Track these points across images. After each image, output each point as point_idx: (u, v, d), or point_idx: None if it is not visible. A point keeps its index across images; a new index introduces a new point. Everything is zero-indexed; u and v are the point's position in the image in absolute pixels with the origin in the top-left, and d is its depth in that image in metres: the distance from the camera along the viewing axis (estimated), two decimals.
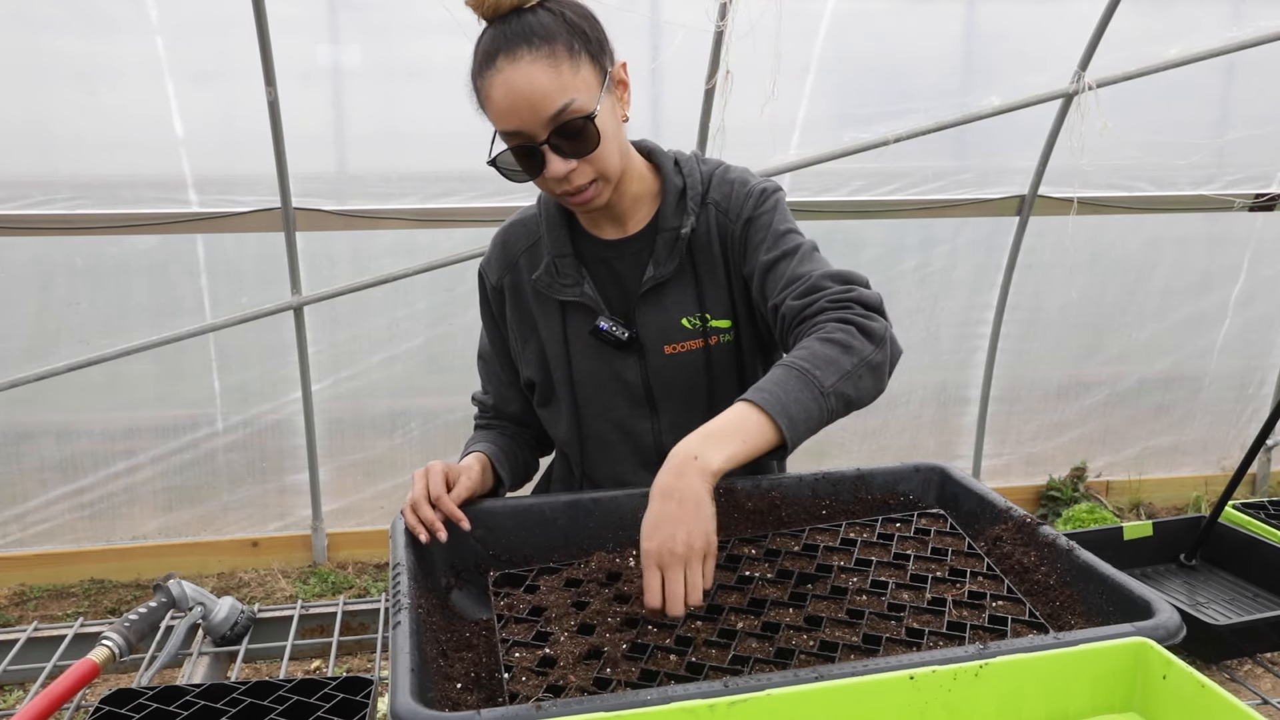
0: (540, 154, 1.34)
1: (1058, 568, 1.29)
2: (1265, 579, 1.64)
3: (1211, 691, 0.93)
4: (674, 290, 1.52)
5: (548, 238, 1.53)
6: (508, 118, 1.33)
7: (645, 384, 1.55)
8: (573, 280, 1.52)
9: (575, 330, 1.54)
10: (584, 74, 1.33)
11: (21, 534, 4.08)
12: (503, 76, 1.31)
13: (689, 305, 1.52)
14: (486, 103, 1.35)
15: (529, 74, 1.30)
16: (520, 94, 1.30)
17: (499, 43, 1.32)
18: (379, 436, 4.28)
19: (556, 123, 1.31)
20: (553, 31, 1.32)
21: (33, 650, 1.60)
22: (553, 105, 1.30)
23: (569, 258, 1.52)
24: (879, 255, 4.40)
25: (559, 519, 1.44)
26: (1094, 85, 3.91)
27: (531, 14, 1.33)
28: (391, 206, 3.85)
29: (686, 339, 1.52)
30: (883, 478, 1.55)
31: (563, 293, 1.52)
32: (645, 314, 1.52)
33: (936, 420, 4.75)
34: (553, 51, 1.31)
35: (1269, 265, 4.81)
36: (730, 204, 1.50)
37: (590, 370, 1.55)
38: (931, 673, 0.96)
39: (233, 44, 3.42)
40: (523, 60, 1.30)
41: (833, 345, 1.26)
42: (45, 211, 3.61)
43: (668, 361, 1.53)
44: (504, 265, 1.59)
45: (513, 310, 1.59)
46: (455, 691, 1.11)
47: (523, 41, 1.30)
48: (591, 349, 1.54)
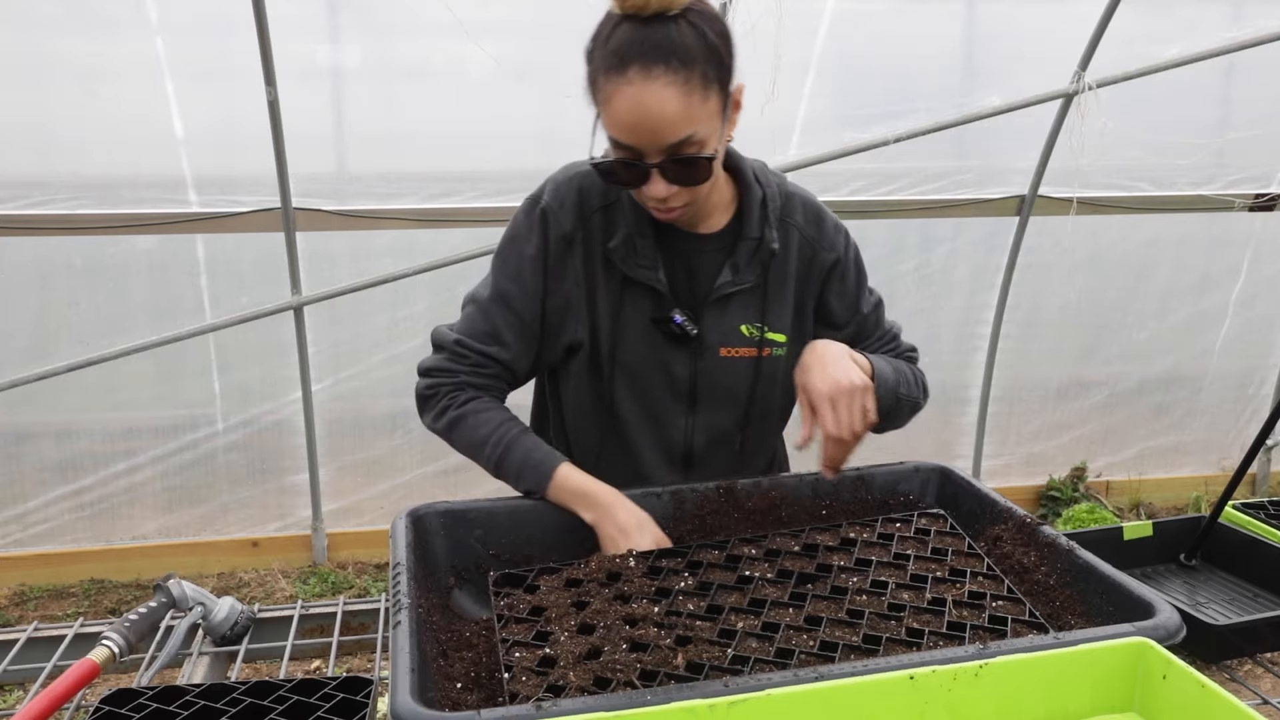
0: (645, 173, 1.32)
1: (1058, 568, 1.29)
2: (1265, 579, 1.64)
3: (1212, 691, 0.93)
4: (741, 297, 1.54)
5: (630, 213, 1.48)
6: (626, 133, 1.29)
7: (692, 380, 1.55)
8: (649, 263, 1.48)
9: (632, 311, 1.51)
10: (710, 104, 1.30)
11: (21, 534, 4.08)
12: (633, 90, 1.26)
13: (751, 314, 1.55)
14: (605, 105, 1.30)
15: (661, 98, 1.25)
16: (647, 116, 1.26)
17: (636, 50, 1.26)
18: (379, 436, 4.27)
19: (674, 152, 1.29)
20: (693, 55, 1.26)
21: (33, 650, 1.60)
22: (675, 135, 1.28)
23: (650, 240, 1.48)
24: (879, 255, 4.40)
25: (559, 519, 1.44)
26: (1094, 85, 3.91)
27: (675, 25, 1.26)
28: (391, 206, 3.84)
29: (742, 345, 1.55)
30: (883, 478, 1.55)
31: (637, 272, 1.48)
32: (710, 314, 1.52)
33: (936, 420, 4.75)
34: (689, 79, 1.26)
35: (1269, 265, 4.81)
36: (821, 235, 1.58)
37: (638, 355, 1.53)
38: (931, 673, 0.96)
39: (233, 44, 3.42)
40: (658, 80, 1.25)
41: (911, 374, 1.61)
42: (45, 211, 3.61)
43: (719, 363, 1.54)
44: (579, 216, 1.49)
45: (583, 265, 1.50)
46: (455, 691, 1.11)
47: (661, 59, 1.25)
48: (643, 333, 1.52)
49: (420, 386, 1.54)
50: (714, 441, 1.61)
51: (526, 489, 1.46)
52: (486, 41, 3.45)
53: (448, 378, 1.51)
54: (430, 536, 1.38)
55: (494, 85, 3.66)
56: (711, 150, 1.33)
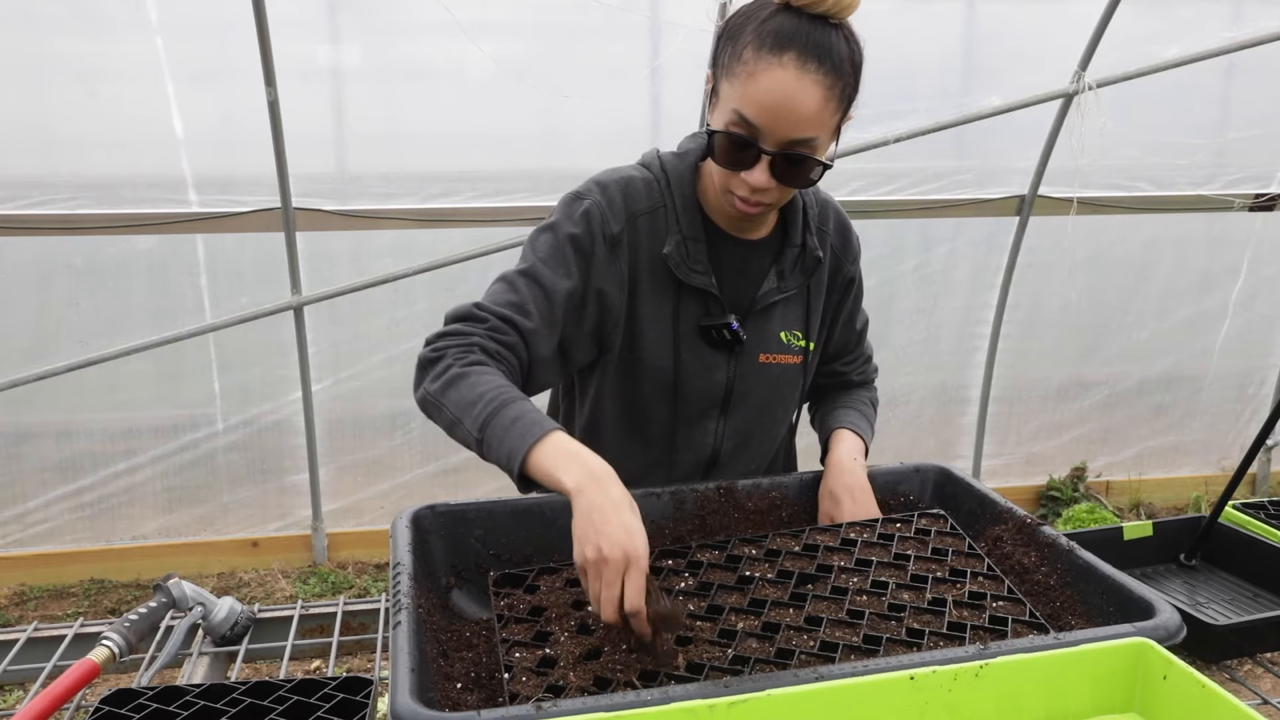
0: (756, 157, 1.32)
1: (1058, 568, 1.29)
2: (1265, 579, 1.64)
3: (1212, 691, 0.93)
4: (783, 304, 1.56)
5: (682, 216, 1.47)
6: (759, 112, 1.28)
7: (729, 386, 1.55)
8: (703, 267, 1.48)
9: (686, 318, 1.51)
10: (835, 120, 1.33)
11: (21, 534, 4.08)
12: (785, 74, 1.26)
13: (792, 321, 1.57)
14: (748, 80, 1.28)
15: (809, 92, 1.27)
16: (788, 103, 1.27)
17: (799, 41, 1.26)
18: (379, 436, 4.27)
19: (792, 147, 1.30)
20: (843, 66, 1.30)
21: (33, 650, 1.60)
22: (803, 131, 1.29)
23: (701, 243, 1.48)
24: (879, 255, 4.40)
25: (559, 519, 1.44)
26: (1094, 85, 3.91)
27: (835, 32, 1.29)
28: (391, 206, 3.84)
29: (780, 352, 1.57)
30: (883, 478, 1.55)
31: (692, 277, 1.47)
32: (755, 320, 1.54)
33: (936, 420, 4.75)
34: (834, 85, 1.29)
35: (1269, 265, 4.81)
36: (847, 250, 1.62)
37: (681, 361, 1.52)
38: (932, 673, 0.96)
39: (233, 44, 3.42)
40: (810, 74, 1.26)
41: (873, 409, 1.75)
42: (45, 211, 3.61)
43: (757, 369, 1.56)
44: (625, 216, 1.46)
45: (629, 268, 1.46)
46: (455, 691, 1.11)
47: (817, 56, 1.27)
48: (686, 338, 1.51)
49: (424, 353, 1.35)
50: (741, 446, 1.62)
51: (509, 450, 1.22)
52: (486, 41, 3.45)
53: (458, 340, 1.34)
54: (430, 536, 1.38)
55: (494, 85, 3.66)
56: (826, 164, 1.35)
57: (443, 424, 1.32)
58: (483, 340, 1.34)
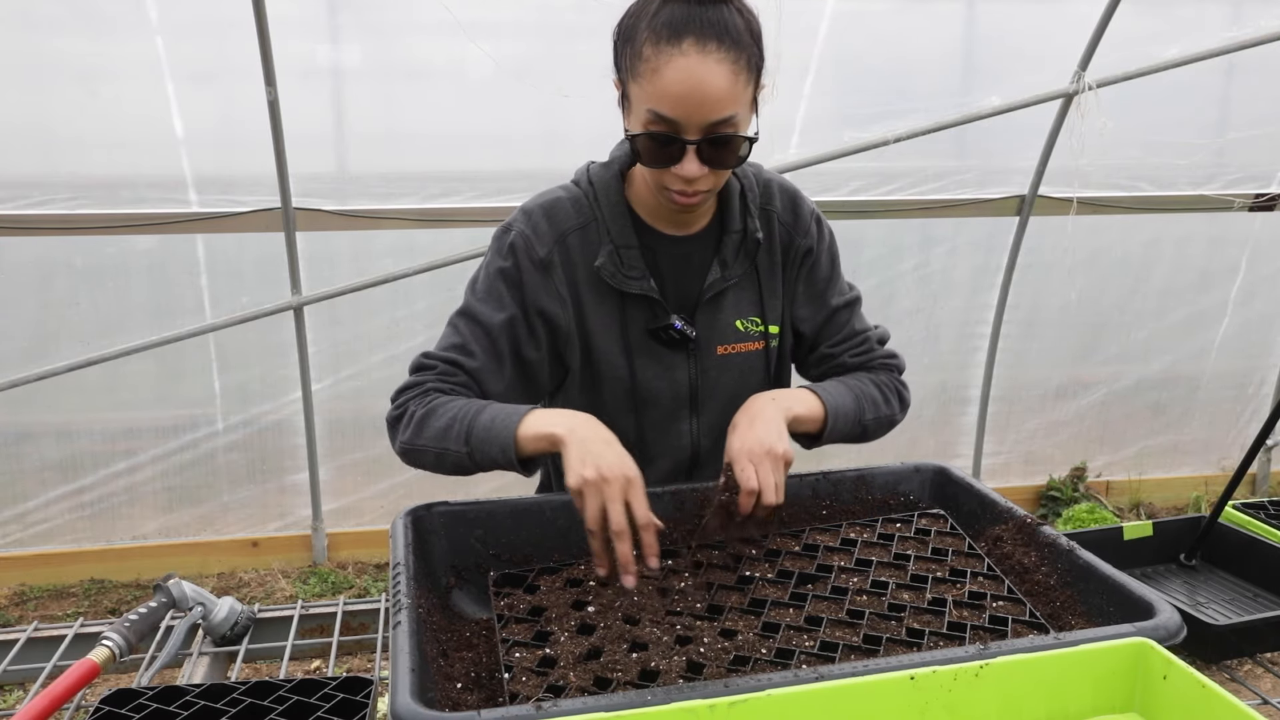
0: (681, 149, 1.31)
1: (1058, 568, 1.29)
2: (1265, 579, 1.64)
3: (1212, 691, 0.93)
4: (733, 292, 1.53)
5: (611, 226, 1.47)
6: (673, 105, 1.28)
7: (692, 384, 1.55)
8: (639, 273, 1.47)
9: (634, 325, 1.51)
10: (748, 92, 1.33)
11: (21, 534, 4.08)
12: (687, 62, 1.26)
13: (745, 308, 1.54)
14: (652, 76, 1.28)
15: (715, 73, 1.26)
16: (697, 89, 1.26)
17: (694, 26, 1.26)
18: (379, 436, 4.22)
19: (714, 130, 1.30)
20: (744, 39, 1.29)
21: (33, 650, 1.60)
22: (720, 112, 1.28)
23: (634, 249, 1.47)
24: (879, 255, 4.40)
25: (559, 519, 1.44)
26: (1094, 85, 3.91)
27: (726, 7, 1.29)
28: (391, 206, 3.84)
29: (738, 341, 1.55)
30: (883, 478, 1.55)
31: (628, 285, 1.47)
32: (704, 314, 1.52)
33: (936, 420, 4.75)
34: (738, 58, 1.28)
35: (1268, 265, 4.81)
36: (797, 221, 1.57)
37: (638, 367, 1.52)
38: (932, 673, 0.96)
39: (232, 44, 3.42)
40: (712, 54, 1.26)
41: (879, 390, 1.58)
42: (45, 211, 3.61)
43: (718, 362, 1.54)
44: (552, 239, 1.47)
45: (566, 288, 1.47)
46: (455, 691, 1.11)
47: (715, 36, 1.26)
48: (643, 345, 1.52)
49: (389, 412, 1.46)
50: (719, 442, 1.57)
51: (500, 447, 1.33)
52: (486, 41, 3.44)
53: (414, 390, 1.45)
54: (430, 536, 1.38)
55: (494, 85, 3.66)
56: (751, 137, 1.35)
57: (429, 463, 1.43)
58: (435, 384, 1.44)
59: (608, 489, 1.19)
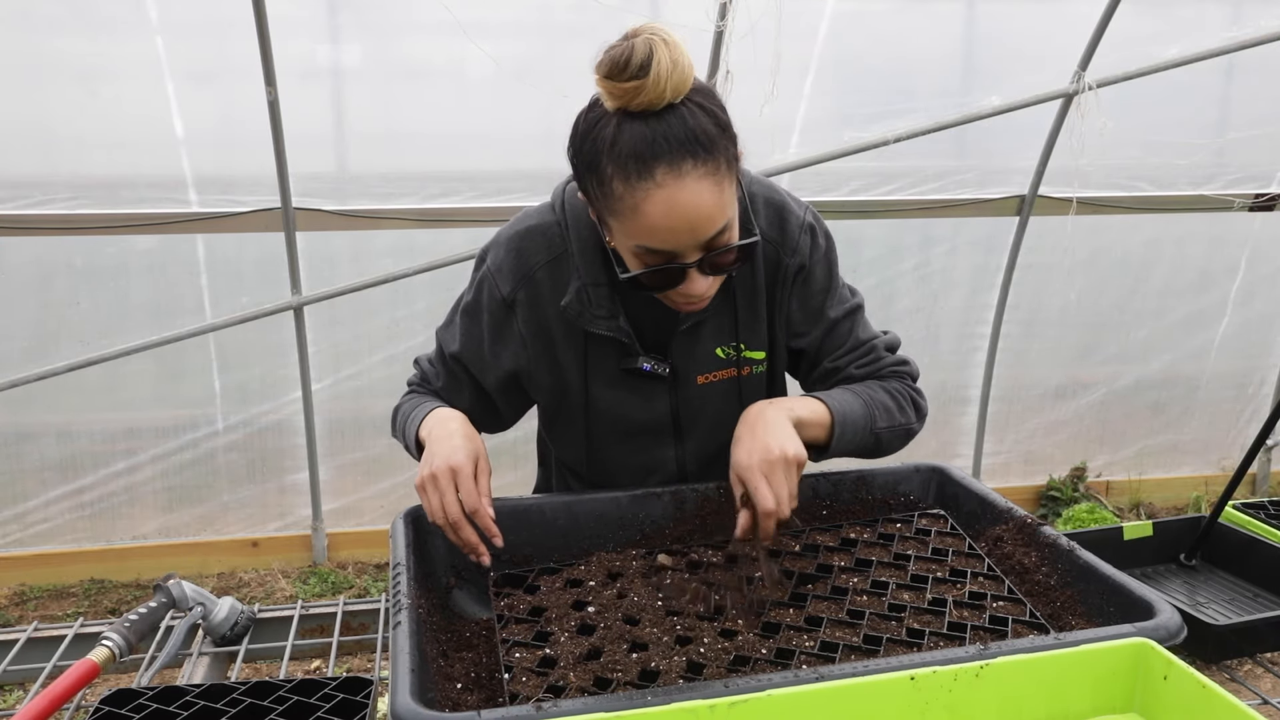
0: (683, 273, 1.23)
1: (1058, 568, 1.29)
2: (1265, 579, 1.64)
3: (1212, 691, 0.93)
4: (711, 320, 1.44)
5: (580, 263, 1.39)
6: (664, 239, 1.19)
7: (674, 413, 1.50)
8: (606, 312, 1.39)
9: (598, 362, 1.45)
10: (734, 185, 1.23)
11: (21, 534, 4.08)
12: (666, 194, 1.15)
13: (725, 334, 1.46)
14: (632, 214, 1.18)
15: (696, 193, 1.16)
16: (685, 217, 1.17)
17: (659, 149, 1.15)
18: (379, 436, 4.27)
19: (714, 244, 1.21)
20: (714, 140, 1.18)
21: (33, 650, 1.60)
22: (714, 228, 1.20)
23: (604, 287, 1.39)
24: (879, 255, 4.40)
25: (559, 519, 1.44)
26: (1094, 85, 3.91)
27: (688, 111, 1.17)
28: (391, 206, 3.84)
29: (719, 368, 1.47)
30: (883, 478, 1.55)
31: (595, 325, 1.40)
32: (681, 344, 1.45)
33: (936, 420, 4.75)
34: (716, 167, 1.17)
35: (1268, 265, 4.81)
36: (784, 237, 1.43)
37: (615, 401, 1.48)
38: (932, 673, 0.96)
39: (233, 44, 3.42)
40: (688, 176, 1.15)
41: (891, 398, 1.46)
42: (45, 211, 3.61)
43: (699, 391, 1.48)
44: (519, 277, 1.42)
45: (526, 326, 1.44)
46: (455, 691, 1.11)
47: (688, 154, 1.15)
48: (618, 379, 1.46)
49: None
50: (707, 465, 1.56)
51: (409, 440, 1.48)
52: (486, 41, 3.44)
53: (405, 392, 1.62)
54: (430, 536, 1.38)
55: (494, 85, 3.66)
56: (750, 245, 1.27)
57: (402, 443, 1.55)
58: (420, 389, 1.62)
59: (437, 484, 1.28)
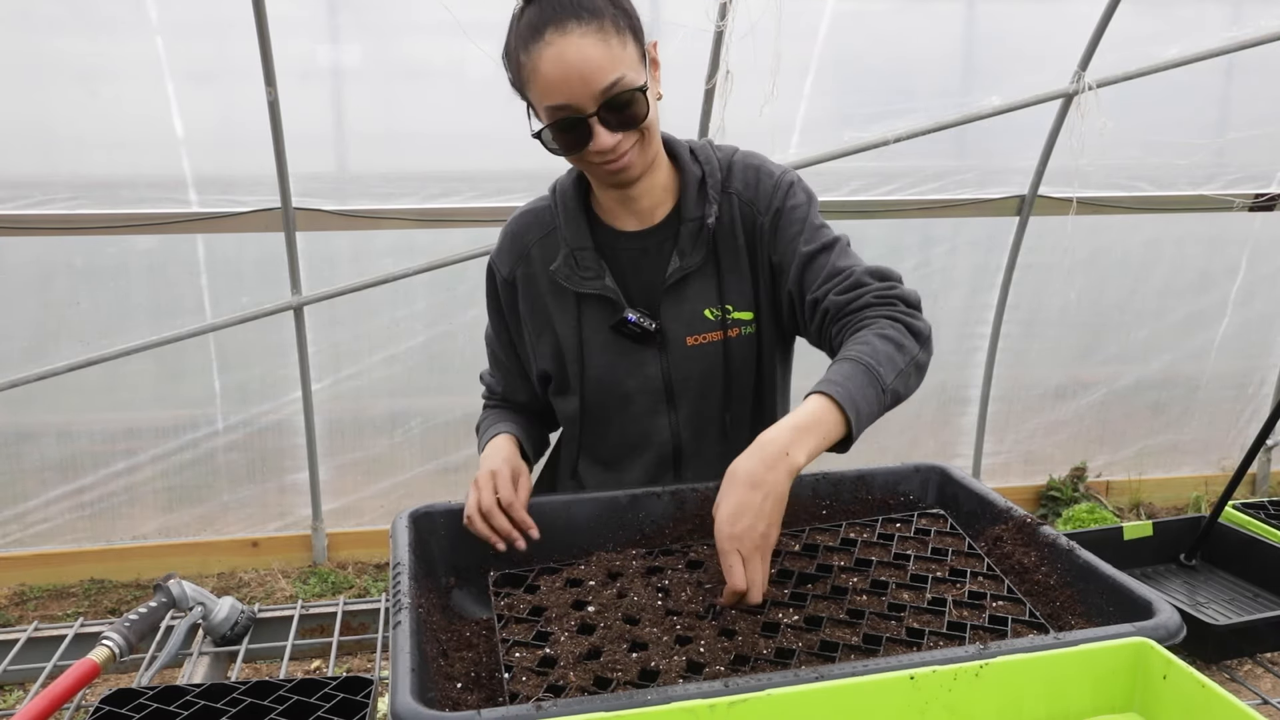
0: (588, 127, 1.34)
1: (1058, 568, 1.29)
2: (1265, 579, 1.64)
3: (1212, 691, 0.93)
4: (696, 281, 1.52)
5: (565, 229, 1.52)
6: (558, 91, 1.33)
7: (665, 377, 1.54)
8: (593, 273, 1.50)
9: (592, 324, 1.53)
10: (630, 49, 1.35)
11: (21, 534, 4.08)
12: (553, 50, 1.31)
13: (711, 296, 1.52)
14: (533, 76, 1.34)
15: (580, 46, 1.31)
16: (572, 66, 1.31)
17: (547, 15, 1.32)
18: (379, 436, 4.28)
19: (607, 95, 1.33)
20: (599, 7, 1.33)
21: (33, 650, 1.60)
22: (605, 78, 1.32)
23: (589, 250, 1.51)
24: (879, 255, 4.36)
25: (559, 519, 1.44)
26: (1094, 85, 3.91)
27: None
28: (391, 206, 3.85)
29: (708, 330, 1.53)
30: (883, 478, 1.55)
31: (582, 285, 1.51)
32: (669, 306, 1.52)
33: (936, 420, 4.75)
34: (601, 26, 1.32)
35: (1268, 265, 4.81)
36: (758, 195, 1.51)
37: (608, 364, 1.54)
38: (932, 673, 0.96)
39: (232, 44, 3.42)
40: (573, 34, 1.31)
41: (888, 342, 1.31)
42: (45, 211, 3.61)
43: (689, 353, 1.53)
44: (515, 257, 1.57)
45: (525, 303, 1.57)
46: (455, 691, 1.11)
47: (571, 15, 1.31)
48: (610, 343, 1.53)
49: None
50: (700, 432, 1.59)
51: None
52: (486, 42, 3.43)
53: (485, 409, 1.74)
54: (430, 536, 1.38)
55: (494, 85, 3.62)
56: (645, 87, 1.36)
57: None
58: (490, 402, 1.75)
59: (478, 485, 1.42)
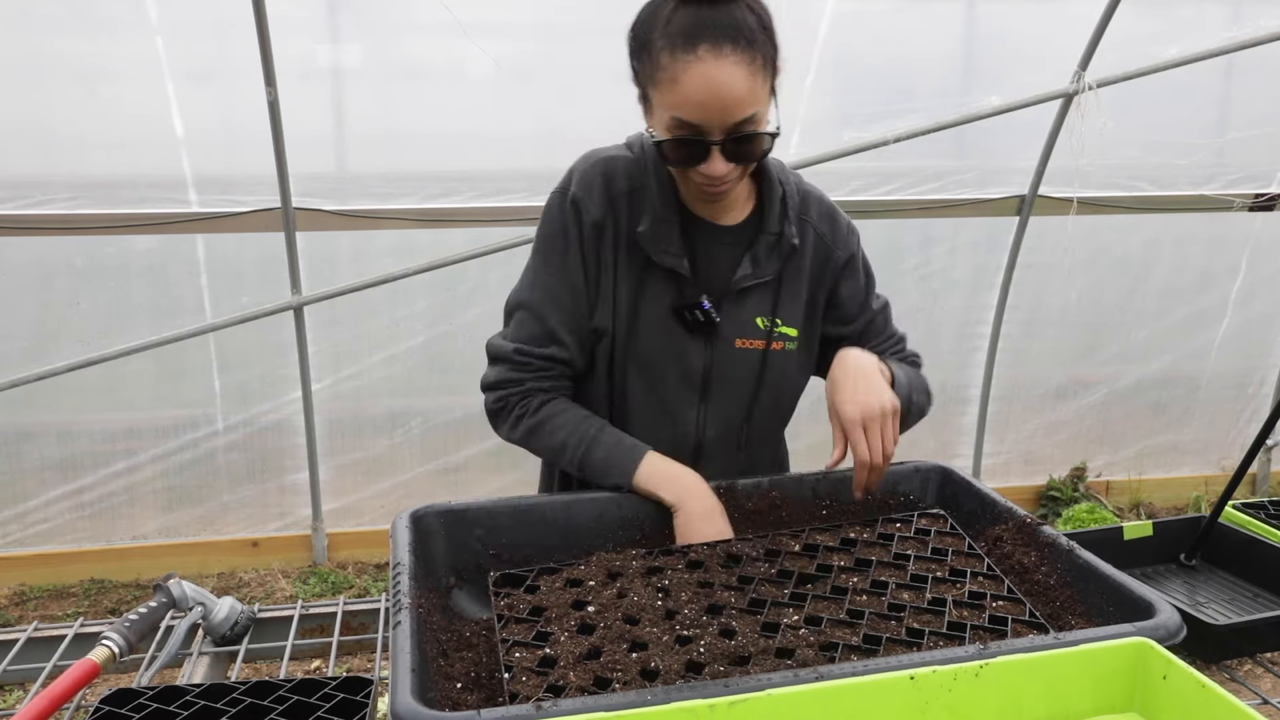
0: (706, 149, 1.35)
1: (1058, 568, 1.29)
2: (1265, 579, 1.64)
3: (1212, 691, 0.93)
4: (759, 289, 1.56)
5: (658, 197, 1.49)
6: (694, 111, 1.31)
7: (706, 370, 1.56)
8: (676, 250, 1.50)
9: (651, 297, 1.53)
10: (767, 87, 1.36)
11: (21, 534, 4.08)
12: (704, 68, 1.29)
13: (766, 307, 1.57)
14: (671, 84, 1.31)
15: (732, 75, 1.29)
16: (717, 93, 1.29)
17: (705, 30, 1.29)
18: (379, 436, 4.27)
19: (737, 130, 1.33)
20: (756, 37, 1.32)
21: (33, 650, 1.60)
22: (741, 113, 1.32)
23: (674, 224, 1.50)
24: (879, 255, 4.32)
25: (559, 519, 1.44)
26: (1094, 85, 3.91)
27: (737, 7, 1.31)
28: (391, 206, 3.84)
29: (754, 337, 1.57)
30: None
31: (664, 258, 1.50)
32: (729, 305, 1.54)
33: (936, 420, 4.75)
34: (753, 58, 1.31)
35: (1268, 265, 4.81)
36: (835, 235, 1.62)
37: (654, 344, 1.54)
38: (932, 673, 0.96)
39: (232, 44, 3.42)
40: (728, 59, 1.29)
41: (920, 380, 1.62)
42: (45, 211, 3.61)
43: (733, 354, 1.56)
44: (607, 201, 1.51)
45: (611, 251, 1.52)
46: (455, 691, 1.11)
47: (729, 39, 1.29)
48: (659, 321, 1.53)
49: (488, 401, 1.57)
50: (722, 435, 1.61)
51: (614, 483, 1.48)
52: (486, 41, 3.45)
53: (514, 388, 1.54)
54: (430, 536, 1.38)
55: (494, 85, 3.66)
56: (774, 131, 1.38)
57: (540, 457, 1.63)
58: (535, 383, 1.54)
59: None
